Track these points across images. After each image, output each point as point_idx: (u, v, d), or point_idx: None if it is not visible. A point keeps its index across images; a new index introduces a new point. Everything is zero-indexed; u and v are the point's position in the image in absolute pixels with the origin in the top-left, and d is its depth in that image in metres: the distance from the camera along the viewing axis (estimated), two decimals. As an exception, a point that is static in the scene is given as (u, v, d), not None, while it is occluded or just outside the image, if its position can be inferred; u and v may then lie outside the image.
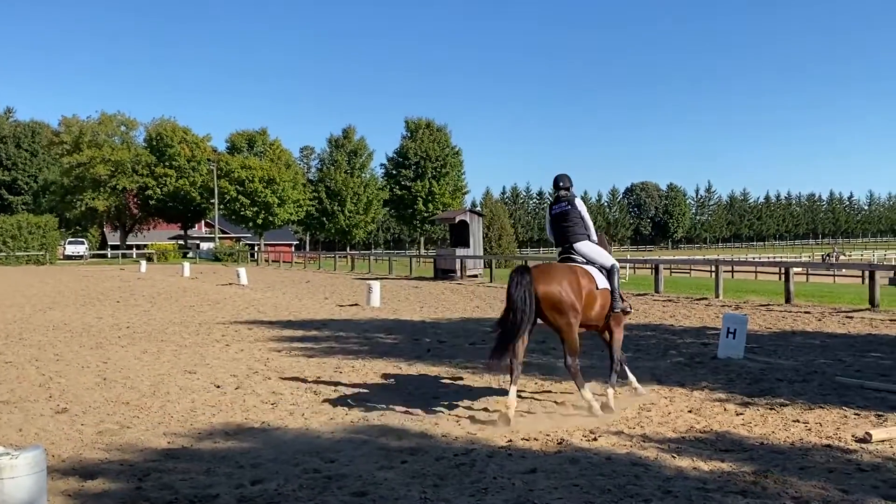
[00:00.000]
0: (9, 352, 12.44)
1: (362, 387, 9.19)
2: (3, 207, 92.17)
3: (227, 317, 17.89)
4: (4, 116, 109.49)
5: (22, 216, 70.57)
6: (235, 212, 77.83)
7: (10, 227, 65.99)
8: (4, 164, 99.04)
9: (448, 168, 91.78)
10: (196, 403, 8.37)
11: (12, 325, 16.31)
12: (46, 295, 26.04)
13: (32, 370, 10.66)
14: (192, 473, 5.82)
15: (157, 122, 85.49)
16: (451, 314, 18.18)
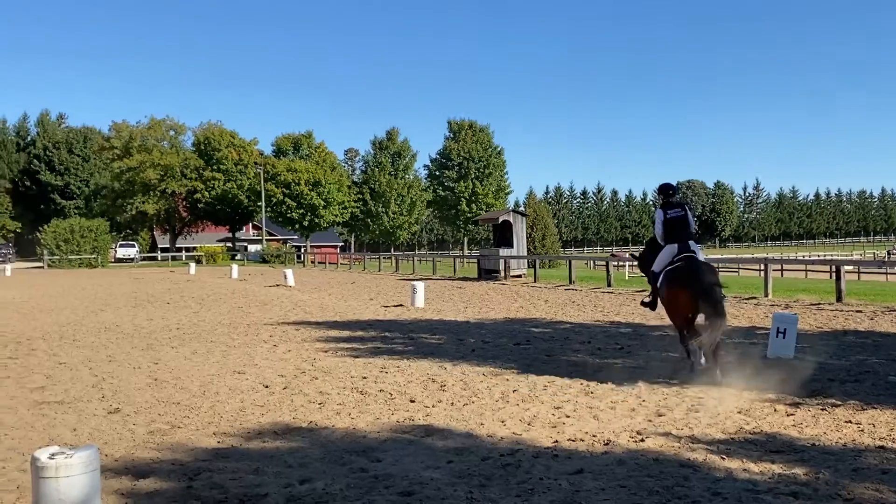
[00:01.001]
0: (63, 353, 12.73)
1: (407, 386, 9.23)
2: (57, 211, 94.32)
3: (274, 318, 18.09)
4: (57, 122, 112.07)
5: (74, 220, 72.17)
6: (282, 214, 78.63)
7: (63, 230, 67.51)
8: (57, 170, 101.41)
9: (491, 168, 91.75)
10: (245, 403, 8.48)
11: (66, 327, 16.69)
12: (99, 297, 26.57)
13: (86, 371, 10.89)
14: (241, 473, 5.91)
15: (204, 126, 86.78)
16: (496, 314, 18.16)
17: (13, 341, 14.31)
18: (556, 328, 14.97)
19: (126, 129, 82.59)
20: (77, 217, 78.61)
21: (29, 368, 11.16)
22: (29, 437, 7.12)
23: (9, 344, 13.93)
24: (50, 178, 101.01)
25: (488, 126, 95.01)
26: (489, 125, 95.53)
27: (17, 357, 12.30)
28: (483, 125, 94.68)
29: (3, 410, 8.30)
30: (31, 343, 14.04)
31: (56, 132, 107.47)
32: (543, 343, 12.93)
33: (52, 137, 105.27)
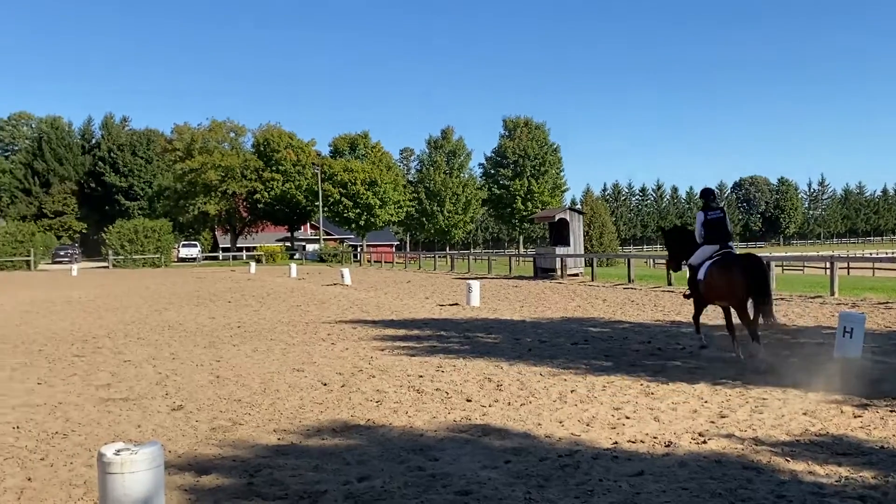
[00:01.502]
0: (128, 351, 13.03)
1: (464, 385, 9.22)
2: (121, 212, 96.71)
3: (332, 316, 18.26)
4: (121, 125, 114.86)
5: (138, 221, 73.84)
6: (339, 214, 79.37)
7: (127, 231, 69.14)
8: (121, 171, 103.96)
9: (547, 166, 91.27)
10: (304, 401, 8.57)
11: (130, 326, 17.08)
12: (162, 296, 27.14)
13: (150, 368, 11.13)
14: (300, 470, 5.97)
15: (263, 128, 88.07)
16: (552, 314, 18.04)
17: (80, 339, 14.70)
18: (615, 328, 14.81)
19: (188, 132, 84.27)
20: (141, 218, 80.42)
21: (95, 366, 11.45)
22: (95, 434, 7.30)
23: (76, 342, 14.32)
24: (114, 180, 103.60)
25: (544, 123, 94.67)
26: (545, 122, 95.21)
27: (83, 355, 12.62)
28: (539, 122, 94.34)
29: (71, 407, 8.53)
30: (97, 341, 14.40)
31: (120, 135, 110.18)
32: (602, 343, 12.80)
33: (116, 140, 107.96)
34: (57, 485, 5.76)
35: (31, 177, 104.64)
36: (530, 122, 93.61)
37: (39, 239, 70.57)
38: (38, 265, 66.05)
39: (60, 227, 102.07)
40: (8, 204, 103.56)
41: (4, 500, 5.44)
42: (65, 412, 8.26)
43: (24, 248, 65.59)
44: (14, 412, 8.29)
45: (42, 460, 6.42)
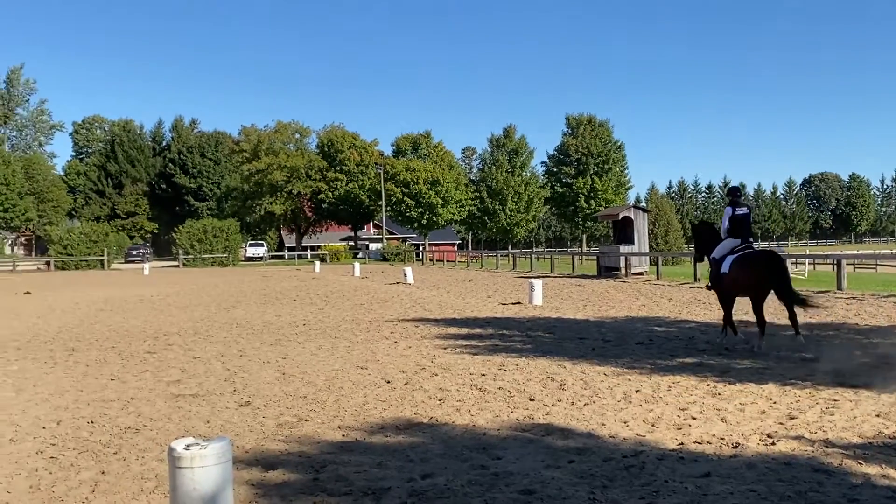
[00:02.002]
0: (197, 348, 13.32)
1: (526, 384, 9.19)
2: (190, 213, 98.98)
3: (395, 314, 18.38)
4: (190, 128, 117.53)
5: (207, 221, 75.51)
6: (401, 213, 79.85)
7: (196, 231, 70.78)
8: (190, 173, 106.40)
9: (610, 164, 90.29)
10: (368, 398, 8.65)
11: (200, 323, 17.46)
12: (230, 294, 27.66)
13: (218, 365, 11.36)
14: (365, 466, 6.02)
15: (327, 128, 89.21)
16: (616, 313, 17.84)
17: (151, 337, 15.09)
18: (681, 327, 14.58)
19: (254, 133, 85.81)
20: (209, 218, 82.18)
21: (166, 362, 11.73)
22: (166, 429, 7.48)
23: (147, 339, 14.70)
24: (184, 181, 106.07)
25: (608, 121, 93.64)
26: (608, 120, 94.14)
27: (154, 352, 12.95)
28: (602, 120, 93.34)
29: (143, 402, 8.76)
30: (167, 338, 14.76)
31: (189, 137, 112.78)
32: (667, 342, 12.62)
33: (185, 142, 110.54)
34: (129, 478, 5.92)
35: (105, 178, 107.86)
36: (593, 120, 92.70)
37: (113, 239, 72.66)
38: (112, 264, 68.01)
39: (133, 228, 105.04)
40: (83, 205, 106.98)
41: (80, 492, 5.62)
42: (137, 407, 8.49)
43: (99, 248, 67.65)
44: (89, 407, 8.55)
45: (115, 454, 6.60)
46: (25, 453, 6.67)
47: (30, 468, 6.22)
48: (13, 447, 6.89)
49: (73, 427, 7.61)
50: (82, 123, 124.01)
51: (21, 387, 9.91)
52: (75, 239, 68.31)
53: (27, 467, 6.25)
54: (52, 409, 8.51)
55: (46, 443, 7.01)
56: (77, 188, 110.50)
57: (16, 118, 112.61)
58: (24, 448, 6.85)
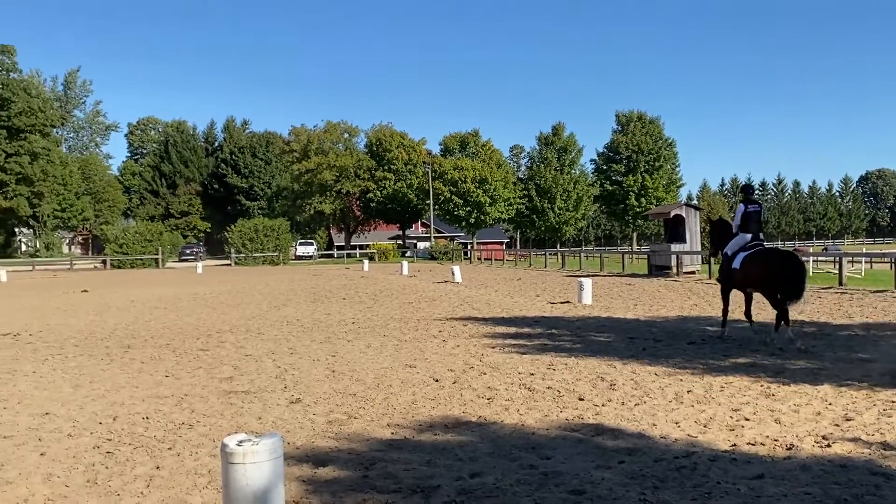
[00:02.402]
0: (249, 345, 13.50)
1: (576, 384, 9.12)
2: (242, 212, 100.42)
3: (443, 313, 18.40)
4: (241, 128, 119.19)
5: (258, 220, 76.54)
6: (449, 212, 79.87)
7: (248, 230, 71.78)
8: (242, 173, 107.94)
9: (661, 161, 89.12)
10: (416, 396, 8.67)
11: (251, 321, 17.68)
12: (281, 293, 27.97)
13: (269, 362, 11.50)
14: (414, 464, 6.04)
15: (376, 128, 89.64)
16: (667, 312, 17.63)
17: (204, 334, 15.33)
18: (734, 327, 14.34)
19: (304, 133, 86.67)
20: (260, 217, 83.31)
21: (219, 359, 11.91)
22: (219, 425, 7.59)
23: (201, 336, 14.94)
24: (236, 181, 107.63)
25: (658, 117, 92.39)
26: (659, 116, 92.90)
27: (208, 349, 13.16)
28: (653, 117, 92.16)
29: (196, 399, 8.90)
30: (220, 336, 14.98)
31: (241, 137, 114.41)
32: (719, 343, 12.43)
33: (237, 142, 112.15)
34: (183, 473, 6.02)
35: (159, 178, 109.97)
36: (644, 117, 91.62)
37: (167, 238, 74.06)
38: (166, 263, 69.30)
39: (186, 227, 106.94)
40: (138, 205, 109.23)
41: (135, 486, 5.73)
42: (190, 404, 8.63)
43: (153, 247, 69.00)
44: (144, 403, 8.72)
45: (169, 449, 6.72)
46: (83, 448, 6.83)
47: (87, 462, 6.37)
48: (71, 442, 7.06)
49: (129, 423, 7.77)
50: (137, 125, 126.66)
51: (78, 383, 10.15)
52: (130, 238, 69.77)
53: (84, 462, 6.40)
54: (108, 404, 8.70)
55: (103, 438, 7.17)
56: (132, 188, 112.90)
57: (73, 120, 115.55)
58: (82, 443, 7.01)
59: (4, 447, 6.90)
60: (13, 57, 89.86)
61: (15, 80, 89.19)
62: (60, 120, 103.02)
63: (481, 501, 5.18)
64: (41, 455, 6.62)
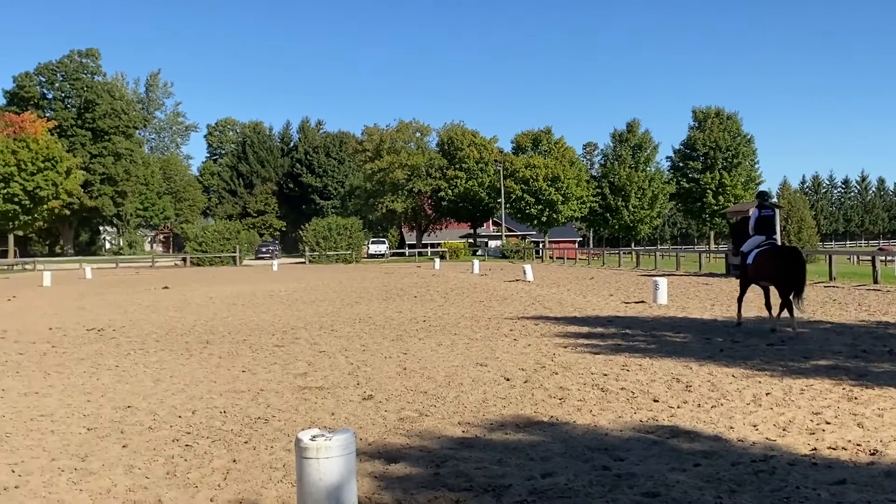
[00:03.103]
0: (322, 342, 13.69)
1: (650, 385, 8.98)
2: (316, 211, 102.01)
3: (514, 312, 18.34)
4: (316, 129, 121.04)
5: (332, 219, 77.64)
6: (521, 210, 79.51)
7: (321, 228, 72.88)
8: (316, 172, 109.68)
9: (740, 158, 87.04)
10: (487, 395, 8.66)
11: (325, 318, 17.93)
12: (353, 290, 28.29)
13: (342, 359, 11.64)
14: (485, 463, 6.03)
15: (447, 126, 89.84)
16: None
17: (280, 330, 15.61)
18: (815, 328, 13.93)
19: (377, 133, 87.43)
20: (334, 216, 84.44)
21: (293, 356, 12.11)
22: (293, 420, 7.72)
23: (276, 333, 15.22)
24: (310, 180, 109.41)
25: (736, 113, 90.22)
26: (737, 112, 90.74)
27: (283, 345, 13.39)
28: (731, 112, 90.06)
29: (271, 394, 9.07)
30: (294, 332, 15.23)
31: (315, 137, 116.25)
32: (800, 344, 12.07)
33: (311, 142, 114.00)
34: (259, 467, 6.14)
35: (237, 178, 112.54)
36: (721, 113, 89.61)
37: (244, 236, 75.76)
38: (243, 261, 70.85)
39: (262, 226, 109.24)
40: (216, 204, 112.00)
41: (213, 479, 5.86)
42: (266, 399, 8.80)
43: (231, 245, 70.68)
44: (221, 398, 8.92)
45: (246, 443, 6.86)
46: (163, 441, 7.03)
47: (167, 455, 6.55)
48: (151, 434, 7.27)
49: (207, 416, 7.96)
50: (215, 126, 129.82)
51: (159, 377, 10.45)
52: (209, 236, 71.61)
53: (164, 454, 6.58)
54: (187, 398, 8.93)
55: (182, 431, 7.36)
56: (211, 188, 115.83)
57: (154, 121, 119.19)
58: (162, 436, 7.21)
59: (89, 439, 7.15)
60: (97, 60, 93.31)
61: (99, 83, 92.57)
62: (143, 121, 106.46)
63: (553, 502, 5.14)
64: (123, 447, 6.83)
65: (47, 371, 11.11)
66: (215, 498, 5.44)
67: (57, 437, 7.26)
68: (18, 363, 11.95)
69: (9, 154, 69.97)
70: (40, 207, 73.79)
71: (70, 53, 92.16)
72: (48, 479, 5.94)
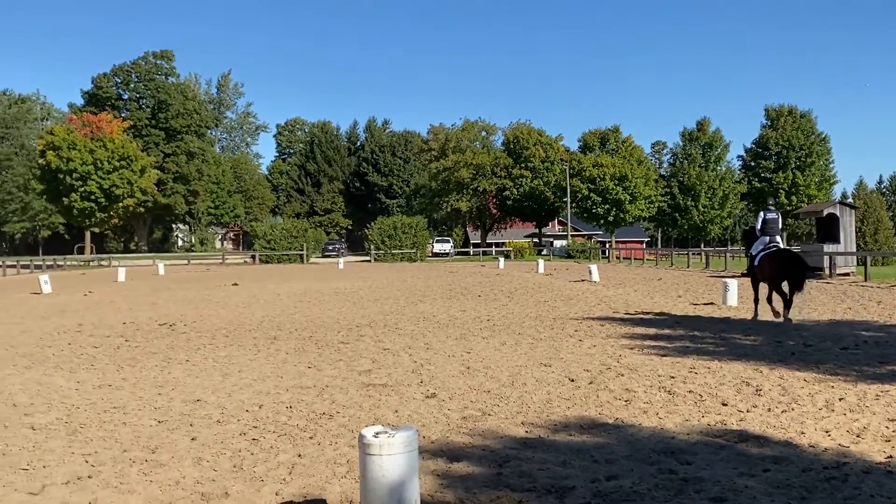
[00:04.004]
0: (386, 339, 13.79)
1: (719, 389, 8.80)
2: (382, 210, 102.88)
3: (579, 312, 18.18)
4: (382, 128, 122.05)
5: (397, 217, 78.26)
6: (587, 210, 78.88)
7: (387, 227, 73.51)
8: (382, 171, 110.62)
9: (814, 157, 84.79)
10: (551, 396, 8.60)
11: (389, 316, 18.05)
12: (417, 289, 28.41)
13: (406, 357, 11.70)
14: (548, 464, 5.99)
15: (513, 126, 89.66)
16: (819, 315, 16.73)
17: (345, 327, 15.77)
18: (892, 332, 13.47)
19: (442, 132, 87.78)
20: (399, 214, 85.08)
21: (358, 353, 12.22)
22: (357, 416, 7.78)
23: (341, 330, 15.38)
24: (376, 179, 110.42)
25: (810, 111, 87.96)
26: (811, 110, 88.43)
27: (348, 342, 13.53)
28: (804, 110, 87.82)
29: (336, 390, 9.17)
30: (359, 330, 15.37)
31: (381, 137, 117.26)
32: (876, 348, 11.68)
33: (378, 142, 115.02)
34: (323, 462, 6.21)
35: (304, 177, 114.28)
36: (795, 111, 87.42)
37: (311, 234, 76.91)
38: (310, 258, 71.92)
39: (329, 224, 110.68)
40: (285, 202, 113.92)
41: (278, 473, 5.95)
42: (331, 395, 8.90)
43: (298, 243, 71.83)
44: (287, 393, 9.06)
45: (311, 439, 6.95)
46: (230, 434, 7.16)
47: (234, 448, 6.67)
48: (219, 428, 7.42)
49: (274, 411, 8.08)
50: (285, 126, 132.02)
51: (227, 372, 10.66)
52: (278, 234, 72.91)
53: (231, 448, 6.70)
54: (254, 393, 9.09)
55: (249, 425, 7.49)
56: (280, 186, 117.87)
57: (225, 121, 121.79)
58: (229, 429, 7.35)
59: (159, 431, 7.33)
60: (171, 62, 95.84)
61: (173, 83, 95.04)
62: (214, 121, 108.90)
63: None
64: (192, 440, 6.98)
65: (120, 364, 11.44)
66: (280, 492, 5.52)
67: (129, 428, 7.46)
68: (93, 356, 12.33)
69: (86, 153, 72.35)
70: (116, 205, 76.11)
71: (145, 55, 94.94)
72: (120, 469, 6.11)
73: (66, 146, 72.03)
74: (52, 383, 9.98)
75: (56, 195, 74.58)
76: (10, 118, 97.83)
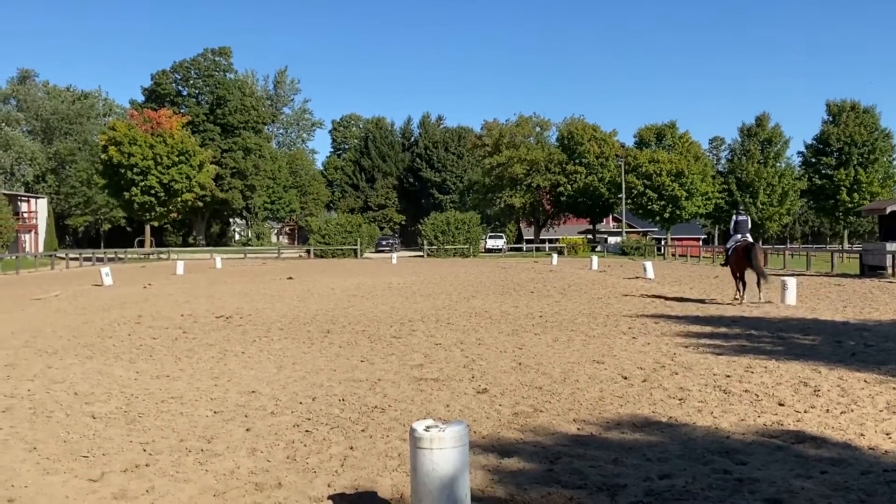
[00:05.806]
0: (438, 334, 13.83)
1: (776, 388, 8.63)
2: (435, 205, 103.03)
3: (633, 310, 18.00)
4: (436, 124, 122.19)
5: (450, 213, 78.28)
6: (642, 206, 77.89)
7: (440, 223, 73.64)
8: (436, 167, 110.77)
9: (877, 154, 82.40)
10: (604, 393, 8.54)
11: (441, 311, 18.10)
12: (470, 284, 28.43)
13: (458, 352, 11.72)
14: (600, 461, 5.95)
15: (567, 121, 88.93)
16: (881, 315, 16.29)
17: (397, 322, 15.87)
18: None
19: (496, 127, 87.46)
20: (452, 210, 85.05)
21: (410, 347, 12.29)
22: (409, 410, 7.83)
23: (394, 324, 15.48)
24: (429, 175, 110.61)
25: (874, 107, 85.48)
26: (875, 106, 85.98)
27: (400, 336, 13.61)
28: (868, 106, 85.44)
29: (389, 384, 9.24)
30: (412, 324, 15.45)
31: (435, 132, 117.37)
32: (941, 350, 11.33)
33: (431, 137, 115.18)
34: (375, 455, 6.26)
35: (359, 173, 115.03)
36: (857, 106, 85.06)
37: (365, 230, 77.34)
38: (364, 253, 72.43)
39: (383, 219, 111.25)
40: (339, 198, 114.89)
41: (331, 465, 6.03)
42: (383, 388, 8.97)
43: (353, 238, 72.41)
44: (340, 386, 9.15)
45: (363, 431, 7.02)
46: (284, 426, 7.27)
47: (287, 440, 6.77)
48: (273, 420, 7.53)
49: (327, 404, 8.18)
50: (340, 121, 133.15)
51: (282, 364, 10.81)
52: (332, 229, 73.58)
53: (285, 439, 6.81)
54: (308, 386, 9.21)
55: (303, 417, 7.60)
56: (334, 182, 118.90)
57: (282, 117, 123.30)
58: (283, 421, 7.46)
59: (215, 422, 7.47)
60: (229, 58, 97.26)
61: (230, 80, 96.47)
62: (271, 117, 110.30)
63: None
64: (247, 431, 7.11)
65: (178, 356, 11.69)
66: (332, 483, 5.58)
67: (185, 418, 7.62)
68: (152, 347, 12.62)
69: (147, 148, 73.88)
70: (175, 199, 77.56)
71: (204, 52, 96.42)
72: (176, 458, 6.25)
73: (127, 141, 73.63)
74: (111, 373, 10.25)
75: (117, 190, 76.28)
76: (73, 114, 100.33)
